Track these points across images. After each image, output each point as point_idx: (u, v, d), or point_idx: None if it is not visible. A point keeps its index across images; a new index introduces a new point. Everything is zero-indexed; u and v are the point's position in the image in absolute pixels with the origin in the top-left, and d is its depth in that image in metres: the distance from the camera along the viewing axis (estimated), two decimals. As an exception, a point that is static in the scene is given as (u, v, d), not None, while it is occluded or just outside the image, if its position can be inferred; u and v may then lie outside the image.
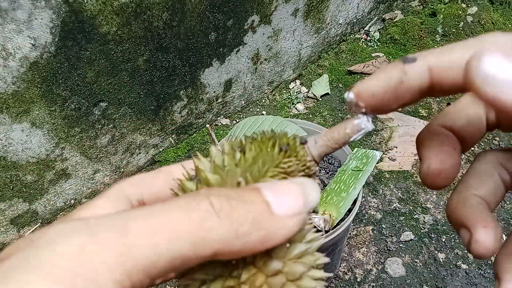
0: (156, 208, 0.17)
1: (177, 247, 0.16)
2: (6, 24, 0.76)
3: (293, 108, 1.35)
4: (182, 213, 0.17)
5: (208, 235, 0.16)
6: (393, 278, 0.92)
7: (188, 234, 0.16)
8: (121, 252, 0.15)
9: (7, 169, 0.92)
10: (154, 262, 0.16)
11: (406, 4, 1.66)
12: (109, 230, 0.15)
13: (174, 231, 0.16)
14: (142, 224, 0.16)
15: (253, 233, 0.17)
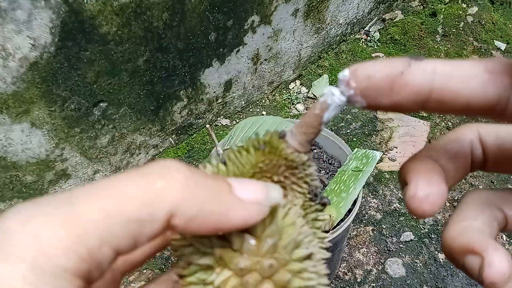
0: (104, 179, 0.16)
1: (128, 209, 0.15)
2: (5, 24, 0.76)
3: (293, 108, 1.35)
4: (132, 178, 0.16)
5: (161, 194, 0.16)
6: (393, 278, 0.92)
7: (138, 194, 0.16)
8: (69, 218, 0.15)
9: (7, 169, 0.92)
10: (106, 226, 0.15)
11: (406, 4, 1.66)
12: (54, 201, 0.15)
13: (123, 193, 0.16)
14: (89, 192, 0.16)
15: (210, 202, 0.17)
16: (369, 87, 0.18)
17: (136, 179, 0.16)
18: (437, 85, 0.17)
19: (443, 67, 0.17)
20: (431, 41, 1.49)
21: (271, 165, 0.21)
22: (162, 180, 0.16)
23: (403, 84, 0.18)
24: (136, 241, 0.16)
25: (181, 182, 0.16)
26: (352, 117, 1.30)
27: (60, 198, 0.15)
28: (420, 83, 0.18)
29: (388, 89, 0.18)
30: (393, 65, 0.18)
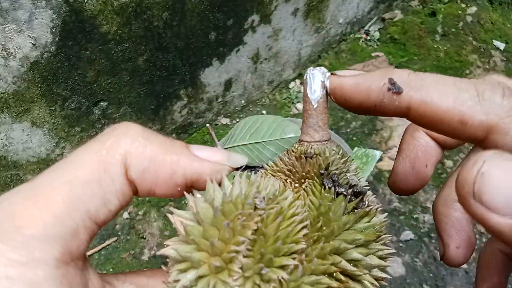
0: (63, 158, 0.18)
1: (84, 171, 0.16)
2: (6, 24, 0.76)
3: (293, 107, 1.36)
4: (88, 143, 0.17)
5: (112, 150, 0.16)
6: (393, 277, 0.92)
7: (93, 156, 0.16)
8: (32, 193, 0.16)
9: (7, 168, 0.92)
10: (70, 193, 0.16)
11: (406, 4, 1.66)
12: (23, 185, 0.16)
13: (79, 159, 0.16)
14: (49, 169, 0.16)
15: (162, 153, 0.17)
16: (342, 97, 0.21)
17: (89, 145, 0.17)
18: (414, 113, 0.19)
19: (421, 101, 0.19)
20: (431, 41, 1.49)
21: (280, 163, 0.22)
22: (112, 138, 0.17)
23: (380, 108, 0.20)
24: (105, 202, 0.16)
25: (131, 137, 0.17)
26: (352, 116, 1.30)
27: (27, 182, 0.16)
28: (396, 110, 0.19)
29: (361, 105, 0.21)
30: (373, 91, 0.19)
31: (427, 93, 0.17)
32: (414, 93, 0.17)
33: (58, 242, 0.15)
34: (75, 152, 0.17)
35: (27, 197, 0.15)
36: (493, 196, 0.14)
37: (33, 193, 0.15)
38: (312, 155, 0.21)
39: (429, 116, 0.17)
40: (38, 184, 0.16)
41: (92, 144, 0.17)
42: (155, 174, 0.17)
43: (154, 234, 1.04)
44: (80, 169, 0.16)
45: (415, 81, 0.18)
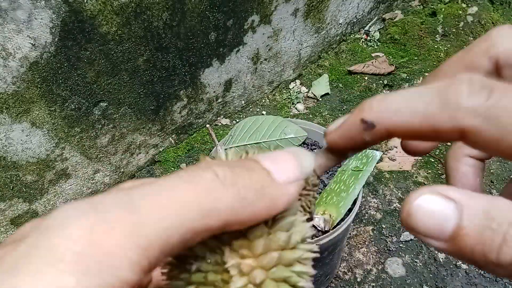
0: (160, 182, 0.16)
1: (187, 220, 0.16)
2: (6, 24, 0.76)
3: (293, 108, 1.35)
4: (188, 184, 0.16)
5: (216, 205, 0.16)
6: (393, 278, 0.92)
7: (196, 205, 0.16)
8: (133, 230, 0.15)
9: (7, 169, 0.92)
10: (167, 238, 0.15)
11: (406, 4, 1.66)
12: (117, 208, 0.15)
13: (183, 204, 0.16)
14: (150, 200, 0.15)
15: (258, 200, 0.17)
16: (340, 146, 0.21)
17: (191, 187, 0.16)
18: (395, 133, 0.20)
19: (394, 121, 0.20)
20: (431, 41, 1.49)
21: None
22: (215, 190, 0.17)
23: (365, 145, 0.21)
24: (186, 246, 0.16)
25: (233, 191, 0.17)
26: (352, 117, 1.30)
27: (121, 203, 0.15)
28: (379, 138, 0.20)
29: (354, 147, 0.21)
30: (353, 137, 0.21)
31: (398, 116, 0.19)
32: (387, 121, 0.19)
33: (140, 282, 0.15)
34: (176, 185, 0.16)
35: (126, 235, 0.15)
36: (422, 228, 0.18)
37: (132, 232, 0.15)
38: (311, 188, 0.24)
39: (409, 134, 0.19)
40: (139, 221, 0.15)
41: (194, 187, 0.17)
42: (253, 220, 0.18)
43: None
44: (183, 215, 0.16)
45: (384, 109, 0.19)
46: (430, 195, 0.18)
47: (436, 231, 0.17)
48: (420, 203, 0.18)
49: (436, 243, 0.18)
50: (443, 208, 0.17)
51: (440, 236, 0.17)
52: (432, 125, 0.18)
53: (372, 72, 1.43)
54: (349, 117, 0.21)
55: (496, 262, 0.16)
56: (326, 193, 0.72)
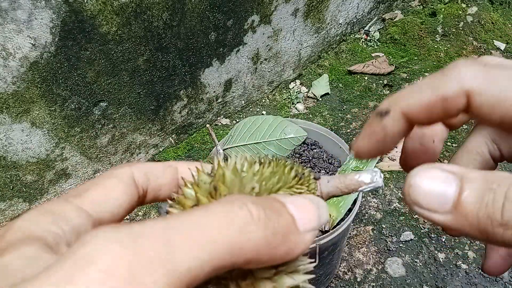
0: (196, 215, 0.17)
1: (217, 258, 0.16)
2: (6, 24, 0.76)
3: (293, 108, 1.35)
4: (223, 221, 0.17)
5: (246, 244, 0.17)
6: (393, 278, 0.92)
7: (227, 243, 0.16)
8: (169, 269, 0.15)
9: (7, 169, 0.92)
10: (196, 274, 0.15)
11: (406, 4, 1.66)
12: (154, 243, 0.15)
13: (216, 241, 0.16)
14: (185, 236, 0.16)
15: (281, 245, 0.18)
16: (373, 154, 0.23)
17: (225, 223, 0.17)
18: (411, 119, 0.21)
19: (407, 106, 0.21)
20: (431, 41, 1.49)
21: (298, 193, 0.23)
22: (246, 230, 0.17)
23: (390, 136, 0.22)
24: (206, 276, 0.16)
25: (261, 231, 0.17)
26: (352, 117, 1.30)
27: (158, 237, 0.15)
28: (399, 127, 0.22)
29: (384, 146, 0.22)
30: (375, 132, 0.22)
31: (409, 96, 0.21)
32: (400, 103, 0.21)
33: None
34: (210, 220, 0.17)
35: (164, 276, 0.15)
36: (424, 201, 0.18)
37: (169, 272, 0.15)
38: None
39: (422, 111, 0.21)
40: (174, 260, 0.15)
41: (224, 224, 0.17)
42: (269, 263, 0.18)
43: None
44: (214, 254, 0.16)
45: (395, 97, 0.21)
46: (431, 169, 0.18)
47: (438, 202, 0.18)
48: (421, 178, 0.18)
49: (440, 217, 0.18)
50: (443, 179, 0.18)
51: (442, 208, 0.17)
52: (441, 94, 0.20)
53: (372, 72, 1.43)
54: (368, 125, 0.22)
55: (501, 221, 0.16)
56: (326, 193, 0.72)
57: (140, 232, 0.15)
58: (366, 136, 0.22)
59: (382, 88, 1.39)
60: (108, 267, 0.14)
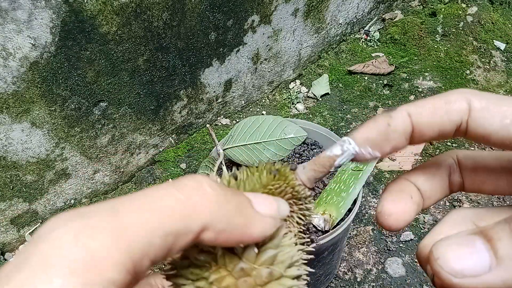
0: (143, 190, 0.17)
1: (168, 223, 0.16)
2: (6, 24, 0.76)
3: (293, 108, 1.35)
4: (170, 190, 0.17)
5: (197, 208, 0.17)
6: (393, 278, 0.92)
7: (177, 209, 0.17)
8: (115, 233, 0.15)
9: (7, 169, 0.92)
10: (149, 240, 0.16)
11: (406, 4, 1.66)
12: (100, 214, 0.16)
13: (164, 207, 0.17)
14: (131, 205, 0.16)
15: (236, 216, 0.18)
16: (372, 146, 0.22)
17: (175, 194, 0.17)
18: (415, 122, 0.22)
19: (413, 107, 0.22)
20: (431, 41, 1.49)
21: (279, 190, 0.23)
22: (197, 195, 0.18)
23: (393, 131, 0.22)
24: (169, 251, 0.17)
25: (214, 198, 0.18)
26: (352, 117, 1.30)
27: (104, 209, 0.16)
28: (404, 125, 0.22)
29: (385, 140, 0.22)
30: (380, 122, 0.22)
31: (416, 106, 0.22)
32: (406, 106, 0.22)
33: (127, 285, 0.16)
34: (160, 194, 0.17)
35: (110, 237, 0.15)
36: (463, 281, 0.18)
37: (116, 234, 0.15)
38: (304, 201, 0.24)
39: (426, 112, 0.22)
40: (122, 224, 0.16)
41: (176, 193, 0.17)
42: (227, 236, 0.18)
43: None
44: (165, 218, 0.17)
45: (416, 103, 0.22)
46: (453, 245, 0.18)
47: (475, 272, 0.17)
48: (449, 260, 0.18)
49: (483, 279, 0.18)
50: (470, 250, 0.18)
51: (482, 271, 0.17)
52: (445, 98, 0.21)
53: (372, 72, 1.43)
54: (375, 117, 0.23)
55: None
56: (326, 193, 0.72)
57: (86, 209, 0.16)
58: (370, 124, 0.23)
59: (382, 88, 1.39)
60: (57, 239, 0.15)
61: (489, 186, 0.24)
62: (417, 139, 0.22)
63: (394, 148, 0.22)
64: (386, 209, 0.24)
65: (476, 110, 0.20)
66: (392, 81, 1.40)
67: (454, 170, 0.25)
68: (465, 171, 0.25)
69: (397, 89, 1.38)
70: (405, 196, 0.24)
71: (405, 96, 1.36)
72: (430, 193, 0.25)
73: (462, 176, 0.25)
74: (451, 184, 0.25)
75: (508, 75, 1.39)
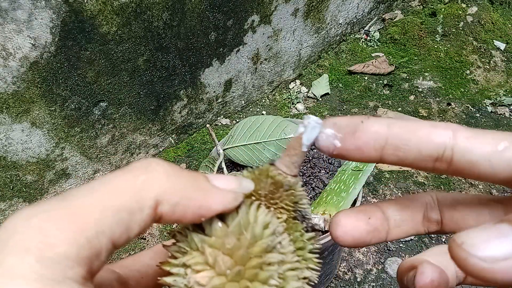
0: (93, 180, 0.18)
1: (118, 200, 0.17)
2: (6, 24, 0.76)
3: (293, 108, 1.35)
4: (119, 173, 0.18)
5: (147, 184, 0.18)
6: (393, 278, 0.92)
7: (126, 187, 0.17)
8: (66, 213, 0.16)
9: (7, 169, 0.92)
10: (100, 217, 0.16)
11: (406, 4, 1.66)
12: (53, 200, 0.17)
13: (113, 187, 0.17)
14: (81, 189, 0.17)
15: (192, 189, 0.19)
16: (337, 130, 0.21)
17: (123, 175, 0.18)
18: (391, 133, 0.20)
19: (396, 121, 0.20)
20: (431, 41, 1.49)
21: (259, 184, 0.24)
22: (146, 173, 0.18)
23: (362, 130, 0.21)
24: (128, 229, 0.17)
25: (163, 174, 0.19)
26: (352, 117, 1.30)
27: (58, 197, 0.17)
28: (377, 130, 0.20)
29: (351, 134, 0.21)
30: (355, 117, 0.21)
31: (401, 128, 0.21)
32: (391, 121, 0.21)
33: (86, 263, 0.16)
34: (110, 178, 0.18)
35: (62, 216, 0.16)
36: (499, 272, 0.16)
37: (68, 213, 0.16)
38: (288, 188, 0.24)
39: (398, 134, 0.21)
40: (74, 204, 0.17)
41: (127, 175, 0.18)
42: (185, 209, 0.19)
43: (154, 235, 1.04)
44: (115, 197, 0.17)
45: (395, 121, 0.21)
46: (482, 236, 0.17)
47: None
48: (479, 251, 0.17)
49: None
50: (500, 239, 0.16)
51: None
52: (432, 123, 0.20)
53: (372, 72, 1.43)
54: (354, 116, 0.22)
55: None
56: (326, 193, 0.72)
57: (45, 200, 0.17)
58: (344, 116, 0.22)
59: (382, 88, 1.39)
60: (13, 226, 0.16)
61: (470, 222, 0.23)
62: (390, 156, 0.21)
63: (358, 148, 0.21)
64: (337, 219, 0.24)
65: (463, 138, 0.19)
66: (392, 81, 1.40)
67: (432, 207, 0.24)
68: (444, 207, 0.24)
69: (397, 89, 1.38)
70: (361, 215, 0.24)
71: (405, 96, 1.36)
72: (399, 222, 0.24)
73: (440, 213, 0.24)
74: (428, 221, 0.24)
75: (508, 75, 1.39)
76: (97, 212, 0.16)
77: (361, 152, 0.21)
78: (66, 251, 0.15)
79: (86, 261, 0.16)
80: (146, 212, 0.18)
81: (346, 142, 0.21)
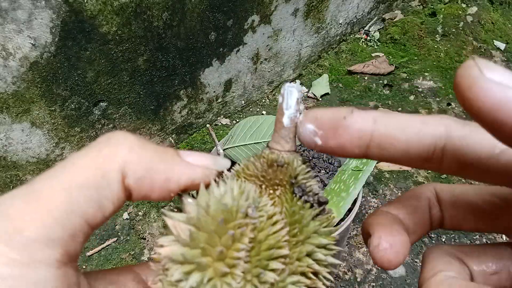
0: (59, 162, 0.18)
1: (83, 177, 0.17)
2: (6, 24, 0.76)
3: (293, 108, 1.35)
4: (82, 151, 0.18)
5: (110, 158, 0.17)
6: (393, 278, 0.92)
7: (90, 163, 0.17)
8: (29, 196, 0.16)
9: (7, 169, 0.92)
10: (68, 197, 0.16)
11: (406, 4, 1.66)
12: (18, 188, 0.17)
13: (76, 165, 0.17)
14: (47, 172, 0.17)
15: (157, 161, 0.18)
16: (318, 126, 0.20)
17: (87, 152, 0.18)
18: (377, 130, 0.18)
19: (383, 116, 0.18)
20: (431, 41, 1.49)
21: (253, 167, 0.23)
22: (109, 146, 0.18)
23: (345, 127, 0.19)
24: (101, 207, 0.17)
25: (127, 146, 0.18)
26: (352, 117, 1.30)
27: (24, 185, 0.17)
28: (361, 127, 0.18)
29: (332, 130, 0.19)
30: (338, 111, 0.19)
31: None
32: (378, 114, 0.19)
33: (58, 244, 0.16)
34: (72, 157, 0.17)
35: (27, 200, 0.16)
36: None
37: (32, 197, 0.16)
38: (283, 164, 0.23)
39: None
40: (37, 188, 0.16)
41: (89, 151, 0.18)
42: (151, 182, 0.18)
43: (154, 234, 1.04)
44: (78, 174, 0.17)
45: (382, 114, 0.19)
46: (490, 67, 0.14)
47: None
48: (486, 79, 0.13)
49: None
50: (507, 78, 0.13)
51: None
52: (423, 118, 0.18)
53: (372, 72, 1.43)
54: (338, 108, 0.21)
55: None
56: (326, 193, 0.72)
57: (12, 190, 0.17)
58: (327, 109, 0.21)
59: (382, 88, 1.39)
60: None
61: (470, 223, 0.22)
62: (375, 154, 0.19)
63: (340, 146, 0.19)
64: (384, 241, 0.20)
65: (457, 137, 0.17)
66: (392, 81, 1.40)
67: (434, 204, 0.22)
68: (445, 206, 0.22)
69: (397, 89, 1.38)
70: (398, 227, 0.21)
71: (405, 96, 1.36)
72: (413, 228, 0.22)
73: (441, 211, 0.22)
74: (431, 219, 0.23)
75: (508, 75, 1.39)
76: (62, 192, 0.16)
77: (343, 149, 0.19)
78: (34, 234, 0.15)
79: (59, 243, 0.16)
80: (114, 186, 0.17)
81: (328, 140, 0.19)
